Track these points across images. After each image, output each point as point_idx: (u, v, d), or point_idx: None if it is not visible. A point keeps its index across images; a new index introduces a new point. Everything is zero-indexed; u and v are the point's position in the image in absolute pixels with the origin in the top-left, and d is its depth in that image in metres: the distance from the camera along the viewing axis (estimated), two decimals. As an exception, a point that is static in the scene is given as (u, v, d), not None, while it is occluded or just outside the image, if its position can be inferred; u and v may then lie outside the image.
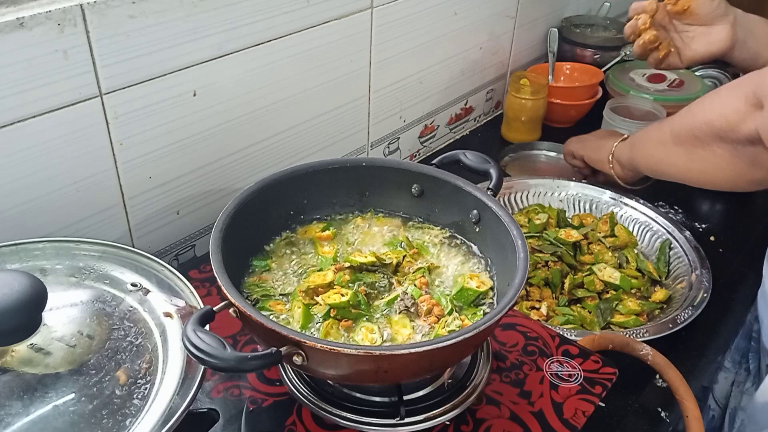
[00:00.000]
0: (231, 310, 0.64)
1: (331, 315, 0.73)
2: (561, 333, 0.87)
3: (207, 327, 0.60)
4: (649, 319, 1.00)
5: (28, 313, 0.59)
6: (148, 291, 0.69)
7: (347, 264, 0.78)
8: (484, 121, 1.59)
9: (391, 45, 1.19)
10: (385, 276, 0.79)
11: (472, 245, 0.84)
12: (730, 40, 1.04)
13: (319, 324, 0.72)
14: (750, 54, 1.05)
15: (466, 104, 1.49)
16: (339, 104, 1.16)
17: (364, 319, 0.73)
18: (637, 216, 1.18)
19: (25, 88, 0.75)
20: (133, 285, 0.70)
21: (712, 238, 1.17)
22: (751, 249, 1.15)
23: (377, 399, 0.73)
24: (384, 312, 0.75)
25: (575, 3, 1.72)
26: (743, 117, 0.87)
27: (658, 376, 0.90)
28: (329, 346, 0.60)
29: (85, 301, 0.67)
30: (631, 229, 1.17)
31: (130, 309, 0.67)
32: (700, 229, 1.20)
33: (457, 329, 0.70)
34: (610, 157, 1.13)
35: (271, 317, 0.72)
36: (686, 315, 0.96)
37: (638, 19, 1.10)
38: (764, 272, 1.00)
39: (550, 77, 1.55)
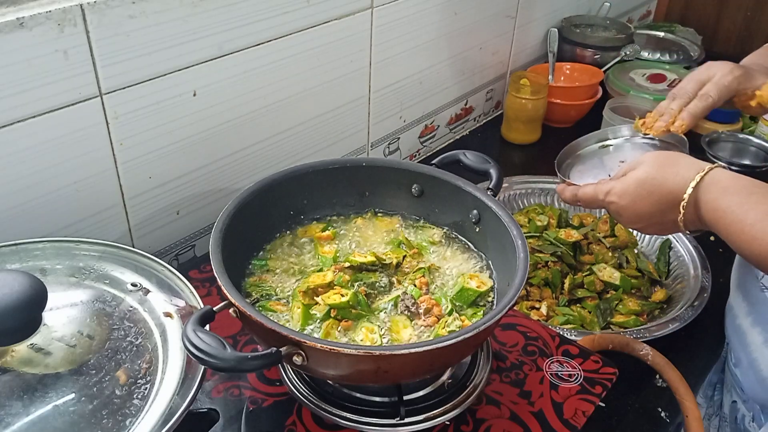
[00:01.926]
0: (231, 310, 0.64)
1: (332, 315, 0.73)
2: (561, 333, 0.87)
3: (207, 327, 0.60)
4: (649, 319, 1.00)
5: (28, 313, 0.59)
6: (148, 291, 0.69)
7: (347, 264, 0.78)
8: (484, 121, 1.59)
9: (391, 45, 1.19)
10: (385, 276, 0.79)
11: (472, 245, 0.84)
12: None
13: (318, 324, 0.72)
14: None
15: (466, 104, 1.49)
16: (339, 104, 1.16)
17: (365, 319, 0.73)
18: (637, 216, 1.18)
19: (25, 88, 0.75)
20: (133, 285, 0.70)
21: (712, 238, 1.17)
22: (751, 249, 1.15)
23: (377, 399, 0.73)
24: (384, 312, 0.75)
25: (575, 3, 1.72)
26: None
27: (658, 376, 0.90)
28: (329, 346, 0.60)
29: (85, 301, 0.67)
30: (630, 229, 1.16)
31: (130, 309, 0.67)
32: (700, 229, 1.19)
33: (457, 329, 0.70)
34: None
35: (271, 317, 0.72)
36: (686, 315, 0.96)
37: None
38: (731, 285, 0.97)
39: (550, 77, 1.55)
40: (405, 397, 0.72)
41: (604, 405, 0.82)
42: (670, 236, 1.13)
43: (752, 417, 0.94)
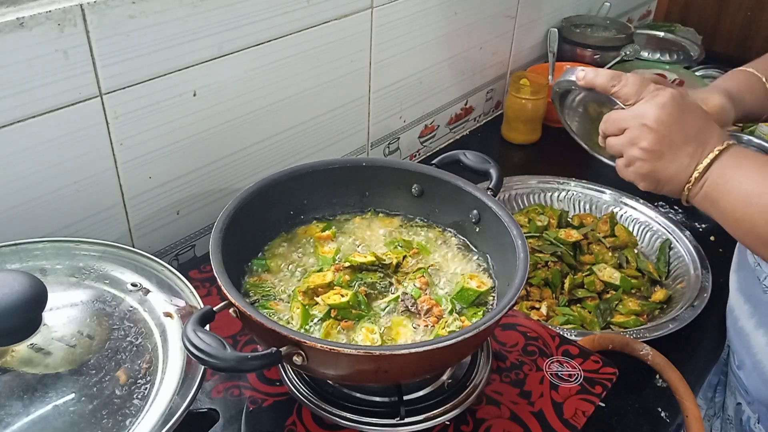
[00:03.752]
0: (231, 310, 0.65)
1: (332, 315, 0.73)
2: (561, 333, 0.87)
3: (207, 327, 0.60)
4: (649, 319, 1.00)
5: (28, 313, 0.59)
6: (148, 291, 0.69)
7: (347, 264, 0.78)
8: (484, 121, 1.59)
9: (391, 45, 1.19)
10: (385, 276, 0.79)
11: (472, 245, 0.84)
12: None
13: (318, 324, 0.72)
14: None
15: (466, 104, 1.49)
16: (339, 104, 1.16)
17: (365, 319, 0.73)
18: (637, 216, 1.18)
19: (25, 88, 0.75)
20: (133, 285, 0.70)
21: (712, 238, 1.17)
22: (751, 249, 1.15)
23: (377, 399, 0.73)
24: (384, 312, 0.75)
25: (575, 3, 1.72)
26: None
27: (658, 376, 0.90)
28: (329, 346, 0.60)
29: (85, 301, 0.67)
30: (631, 229, 1.17)
31: (130, 309, 0.67)
32: (700, 229, 1.20)
33: (457, 329, 0.70)
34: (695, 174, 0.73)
35: (271, 317, 0.72)
36: (686, 315, 0.96)
37: None
38: (731, 288, 0.98)
39: (550, 77, 1.55)
40: (405, 397, 0.72)
41: (604, 405, 0.82)
42: (670, 236, 1.13)
43: (758, 419, 0.94)
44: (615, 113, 0.77)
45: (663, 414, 0.86)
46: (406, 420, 0.71)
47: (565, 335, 0.87)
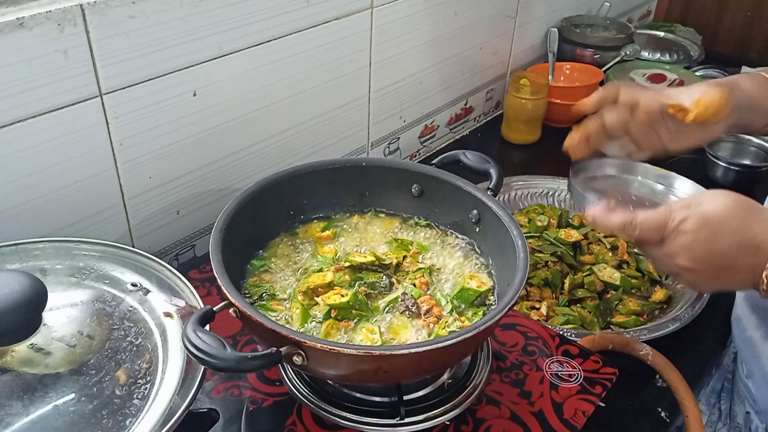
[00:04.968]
0: (231, 310, 0.65)
1: (332, 315, 0.73)
2: (561, 333, 0.87)
3: (207, 327, 0.60)
4: (649, 319, 1.00)
5: (28, 313, 0.59)
6: (148, 291, 0.69)
7: (347, 264, 0.78)
8: (484, 121, 1.59)
9: (391, 45, 1.19)
10: (385, 276, 0.79)
11: (472, 245, 0.84)
12: (723, 131, 0.86)
13: (318, 324, 0.72)
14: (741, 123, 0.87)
15: (466, 104, 1.49)
16: (339, 104, 1.16)
17: (365, 319, 0.73)
18: (637, 216, 1.18)
19: (25, 88, 0.75)
20: (133, 285, 0.70)
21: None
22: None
23: (377, 399, 0.73)
24: (384, 312, 0.75)
25: (575, 3, 1.72)
26: None
27: (658, 376, 0.90)
28: (329, 346, 0.60)
29: (85, 301, 0.67)
30: (631, 229, 1.16)
31: (130, 309, 0.67)
32: (700, 229, 1.19)
33: (457, 329, 0.70)
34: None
35: (271, 317, 0.71)
36: (686, 315, 0.96)
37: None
38: (737, 297, 0.96)
39: (550, 77, 1.55)
40: (405, 397, 0.72)
41: (604, 405, 0.82)
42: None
43: (765, 428, 0.93)
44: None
45: (663, 414, 0.86)
46: (406, 420, 0.71)
47: (565, 335, 0.87)
